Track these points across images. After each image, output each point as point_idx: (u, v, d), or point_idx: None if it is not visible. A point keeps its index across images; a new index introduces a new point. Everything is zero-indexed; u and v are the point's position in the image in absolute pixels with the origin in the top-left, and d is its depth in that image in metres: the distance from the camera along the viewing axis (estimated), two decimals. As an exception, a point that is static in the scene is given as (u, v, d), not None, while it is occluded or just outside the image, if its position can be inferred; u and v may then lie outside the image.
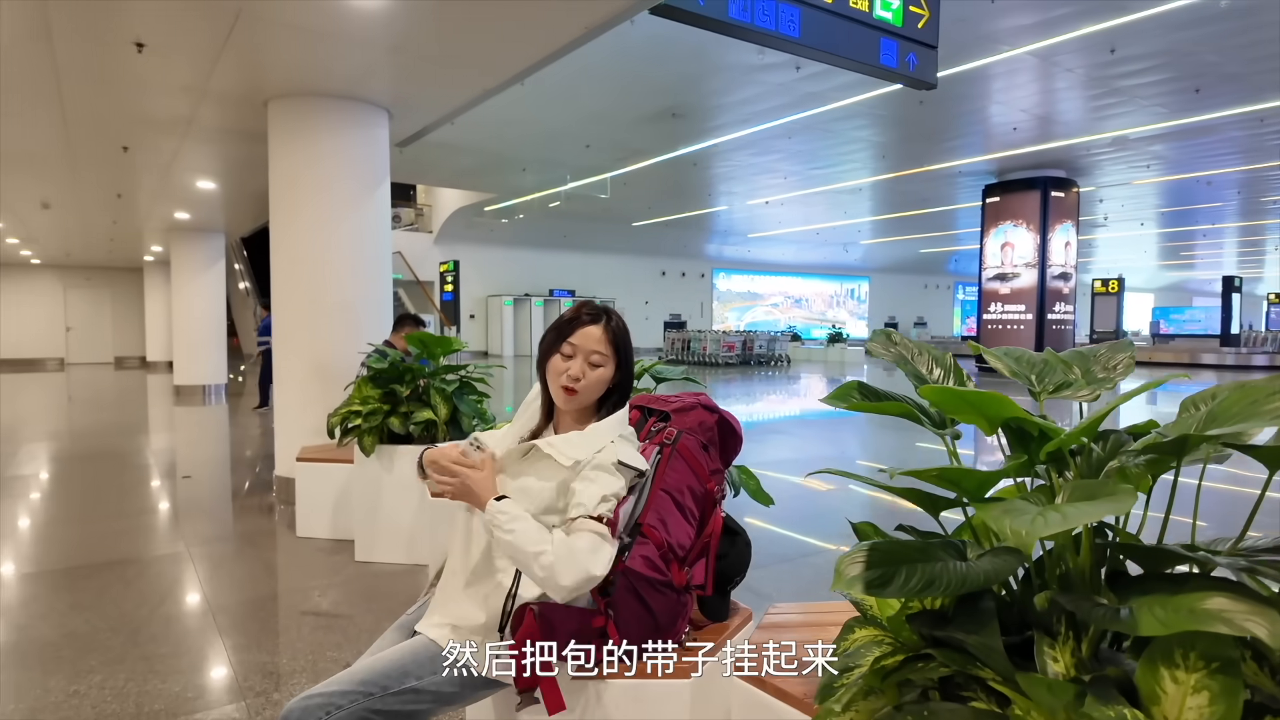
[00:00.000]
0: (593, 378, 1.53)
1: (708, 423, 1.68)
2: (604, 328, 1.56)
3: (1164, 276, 34.90)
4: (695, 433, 1.64)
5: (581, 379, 1.52)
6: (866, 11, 4.45)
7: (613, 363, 1.56)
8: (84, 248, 15.26)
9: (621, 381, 1.60)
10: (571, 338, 1.54)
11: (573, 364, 1.53)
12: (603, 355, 1.54)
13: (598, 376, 1.54)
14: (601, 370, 1.54)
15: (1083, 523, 0.80)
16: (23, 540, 4.30)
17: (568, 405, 1.55)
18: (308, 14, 3.72)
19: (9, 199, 9.39)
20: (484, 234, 20.96)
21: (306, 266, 4.94)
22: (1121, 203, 17.33)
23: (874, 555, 0.95)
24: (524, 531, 1.37)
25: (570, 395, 1.53)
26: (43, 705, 2.39)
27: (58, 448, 7.56)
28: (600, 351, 1.54)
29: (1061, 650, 0.92)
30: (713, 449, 1.67)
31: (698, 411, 1.68)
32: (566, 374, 1.53)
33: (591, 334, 1.54)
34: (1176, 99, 9.68)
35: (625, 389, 1.62)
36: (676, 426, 1.63)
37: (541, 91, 8.97)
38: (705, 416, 1.68)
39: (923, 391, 1.03)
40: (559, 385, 1.54)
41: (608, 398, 1.60)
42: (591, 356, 1.53)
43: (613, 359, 1.56)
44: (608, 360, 1.55)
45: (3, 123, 5.81)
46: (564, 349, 1.54)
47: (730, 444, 1.73)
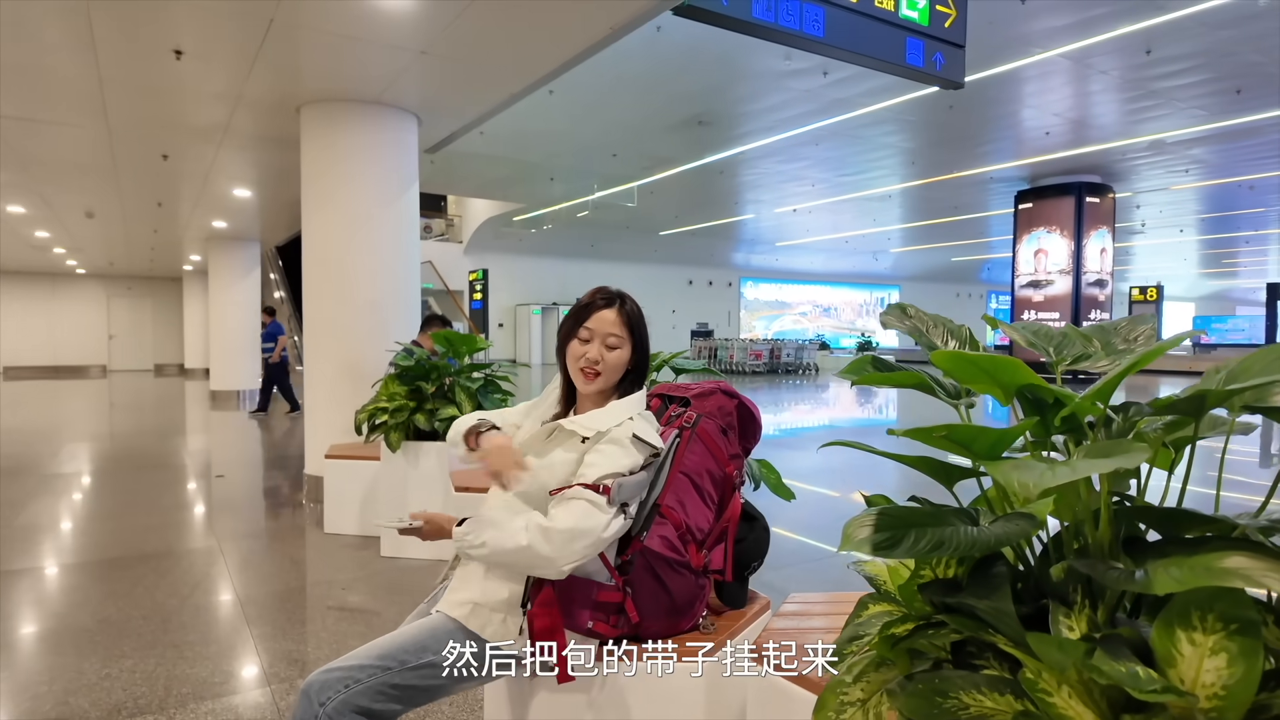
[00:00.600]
0: (610, 359, 1.57)
1: (727, 407, 1.69)
2: (618, 310, 1.60)
3: (1205, 285, 33.98)
4: (715, 417, 1.65)
5: (600, 361, 1.56)
6: (892, 11, 4.42)
7: (629, 344, 1.59)
8: (127, 257, 15.72)
9: (638, 363, 1.63)
10: (588, 322, 1.58)
11: (590, 347, 1.57)
12: (618, 337, 1.58)
13: (615, 358, 1.57)
14: (619, 352, 1.58)
15: (1090, 474, 0.78)
16: (64, 534, 4.42)
17: (588, 388, 1.58)
18: (338, 19, 3.81)
19: (57, 208, 9.71)
20: (512, 244, 21.17)
21: (337, 268, 5.04)
22: (1160, 209, 16.94)
23: (883, 519, 0.94)
24: (494, 538, 1.41)
25: (590, 378, 1.57)
26: (76, 687, 2.45)
27: (99, 449, 7.77)
28: (616, 334, 1.57)
29: (1077, 619, 0.90)
30: (732, 434, 1.68)
31: (717, 396, 1.69)
32: (585, 357, 1.56)
33: (606, 317, 1.58)
34: (1216, 100, 9.45)
35: (642, 371, 1.65)
36: (696, 410, 1.65)
37: (569, 101, 9.07)
38: (725, 401, 1.69)
39: (934, 357, 1.02)
40: (578, 369, 1.58)
41: (625, 380, 1.63)
42: (608, 339, 1.57)
43: (628, 340, 1.59)
44: (624, 342, 1.58)
45: (52, 133, 6.03)
46: (581, 333, 1.58)
47: (750, 429, 1.74)
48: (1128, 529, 0.95)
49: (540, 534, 1.37)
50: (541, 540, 1.37)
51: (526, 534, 1.37)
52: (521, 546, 1.37)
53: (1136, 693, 0.71)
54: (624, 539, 1.54)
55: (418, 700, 1.40)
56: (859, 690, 1.01)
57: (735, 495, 1.68)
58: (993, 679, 0.89)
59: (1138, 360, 0.88)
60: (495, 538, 1.40)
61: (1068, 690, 0.82)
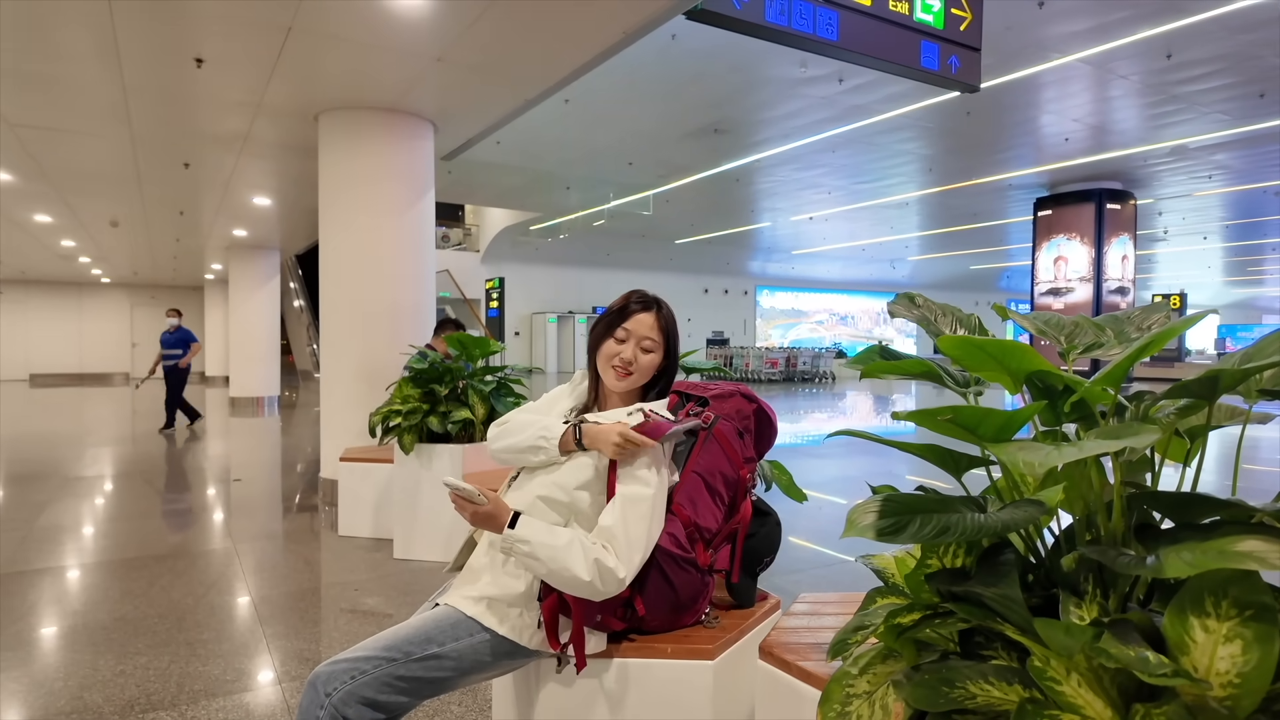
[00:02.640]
0: (644, 362, 1.60)
1: (745, 411, 1.68)
2: (656, 315, 1.63)
3: (1230, 293, 33.44)
4: (732, 419, 1.65)
5: (634, 363, 1.59)
6: (906, 14, 4.41)
7: (662, 349, 1.63)
8: (150, 266, 15.97)
9: (668, 368, 1.66)
10: (625, 324, 1.61)
11: (625, 348, 1.60)
12: (654, 341, 1.61)
13: (649, 361, 1.61)
14: (652, 356, 1.61)
15: (1096, 453, 0.76)
16: (84, 535, 4.48)
17: (618, 386, 1.61)
18: (355, 26, 3.86)
19: (82, 217, 9.90)
20: (529, 252, 21.28)
21: (353, 273, 5.09)
22: (1182, 215, 16.70)
23: (888, 505, 0.92)
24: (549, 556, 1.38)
25: (623, 377, 1.60)
26: (91, 682, 2.47)
27: (120, 453, 7.87)
28: (651, 338, 1.61)
29: (1088, 608, 0.88)
30: (748, 437, 1.68)
31: (736, 399, 1.69)
32: (619, 357, 1.59)
33: (644, 321, 1.61)
34: (1239, 105, 9.32)
35: (670, 378, 1.68)
36: (715, 411, 1.65)
37: (585, 110, 9.12)
38: (743, 405, 1.69)
39: (941, 343, 1.00)
40: (610, 367, 1.60)
41: (653, 386, 1.66)
42: (644, 342, 1.60)
43: (662, 345, 1.63)
44: (658, 346, 1.62)
45: (77, 142, 6.15)
46: (618, 334, 1.61)
47: (766, 434, 1.73)
48: (1140, 516, 0.93)
49: (599, 574, 1.39)
50: (599, 581, 1.39)
51: (587, 569, 1.38)
52: (581, 581, 1.38)
53: (1146, 677, 0.69)
54: None
55: (424, 693, 1.39)
56: (865, 682, 0.99)
57: (746, 499, 1.67)
58: (1000, 668, 0.87)
59: (1149, 342, 0.86)
60: (550, 556, 1.38)
61: (1077, 678, 0.80)
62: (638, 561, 1.44)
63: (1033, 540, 1.04)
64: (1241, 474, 1.01)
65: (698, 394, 1.71)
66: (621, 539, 1.42)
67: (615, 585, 1.40)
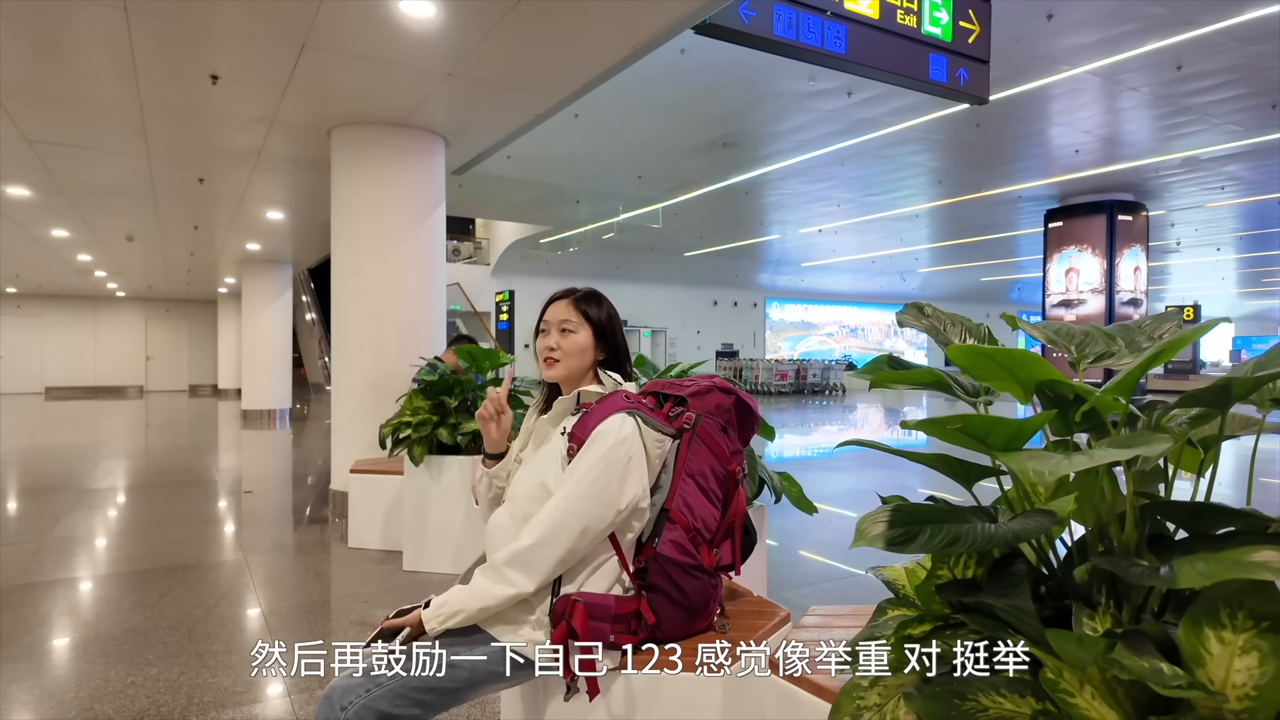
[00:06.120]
0: (567, 344, 1.62)
1: (725, 405, 1.68)
2: (570, 300, 1.67)
3: (1244, 305, 33.12)
4: (714, 415, 1.65)
5: (557, 348, 1.62)
6: (914, 27, 4.43)
7: (585, 327, 1.64)
8: (165, 280, 16.14)
9: (609, 350, 1.67)
10: (544, 317, 1.67)
11: (547, 337, 1.64)
12: (573, 321, 1.63)
13: (571, 342, 1.62)
14: (574, 336, 1.63)
15: (1107, 461, 0.76)
16: (97, 546, 4.50)
17: (550, 374, 1.64)
18: (368, 43, 3.91)
19: (98, 232, 10.02)
20: (539, 266, 21.35)
21: (365, 287, 5.12)
22: (1195, 227, 16.59)
23: (898, 515, 0.92)
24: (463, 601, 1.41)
25: (551, 364, 1.63)
26: (102, 694, 2.48)
27: (134, 465, 7.93)
28: (568, 319, 1.63)
29: (1101, 619, 0.87)
30: (732, 430, 1.67)
31: (714, 395, 1.68)
32: (543, 346, 1.64)
33: (558, 307, 1.66)
34: (1252, 116, 9.28)
35: (617, 355, 1.68)
36: (695, 411, 1.64)
37: (594, 124, 9.17)
38: (722, 399, 1.68)
39: (950, 352, 1.00)
40: (540, 361, 1.65)
41: (604, 366, 1.66)
42: (562, 325, 1.63)
43: (585, 324, 1.64)
44: (579, 326, 1.63)
45: (95, 158, 6.24)
46: (540, 329, 1.66)
47: (748, 423, 1.73)
48: (1153, 527, 0.92)
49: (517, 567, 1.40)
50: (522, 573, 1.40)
51: (509, 578, 1.40)
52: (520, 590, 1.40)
53: (1160, 688, 0.68)
54: (637, 546, 1.55)
55: (438, 705, 1.39)
56: (875, 694, 0.98)
57: (739, 491, 1.66)
58: (1012, 680, 0.86)
59: (1161, 350, 0.86)
60: (479, 594, 1.41)
61: (1090, 690, 0.79)
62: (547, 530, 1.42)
63: (1045, 551, 1.04)
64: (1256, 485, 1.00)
65: (675, 393, 1.69)
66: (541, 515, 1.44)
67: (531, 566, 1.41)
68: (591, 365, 1.64)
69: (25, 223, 9.25)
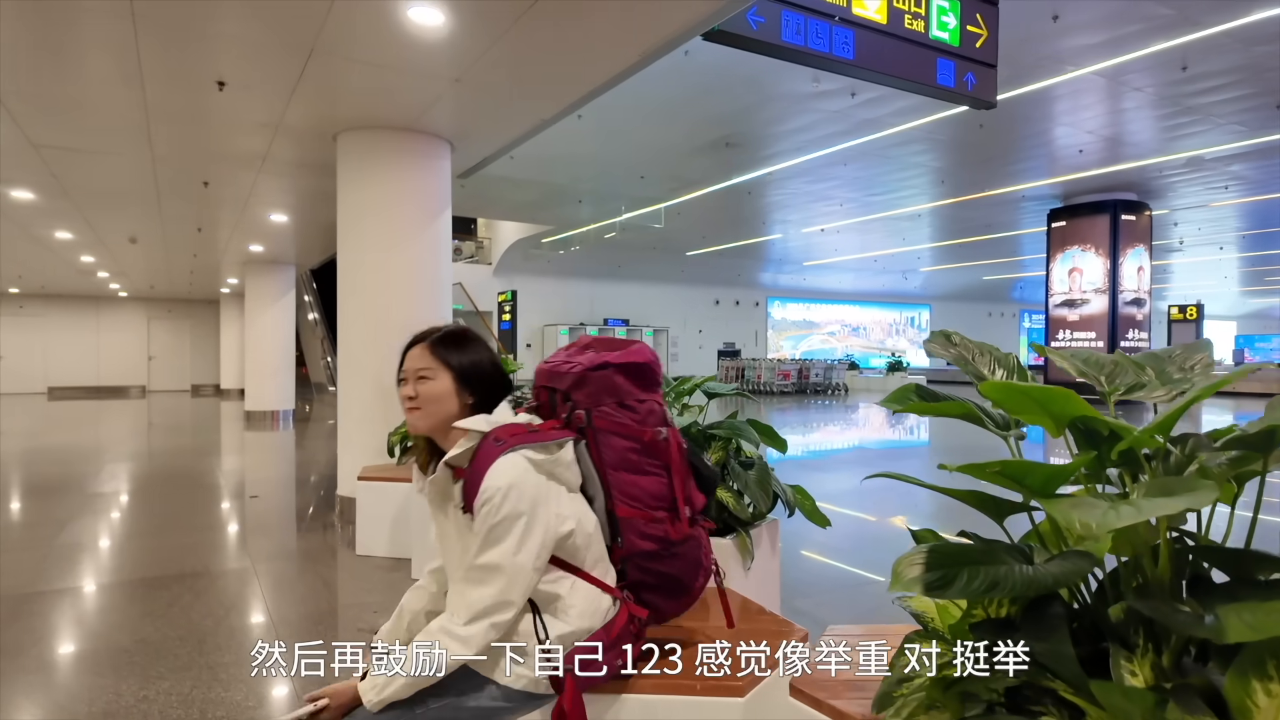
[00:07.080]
0: (425, 391, 1.48)
1: (610, 384, 1.57)
2: (425, 344, 1.53)
3: (1248, 303, 33.10)
4: (603, 397, 1.56)
5: (416, 397, 1.49)
6: (922, 32, 4.41)
7: (443, 371, 1.49)
8: (167, 281, 16.13)
9: (480, 387, 1.52)
10: (402, 368, 1.53)
11: (405, 387, 1.51)
12: (429, 368, 1.50)
13: (429, 389, 1.48)
14: (431, 383, 1.49)
15: (1157, 515, 0.75)
16: (103, 553, 4.50)
17: (415, 426, 1.51)
18: (375, 49, 3.90)
19: (102, 234, 10.01)
20: (541, 265, 21.34)
21: (370, 292, 5.11)
22: (1198, 226, 16.57)
23: (934, 557, 0.91)
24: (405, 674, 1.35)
25: (414, 413, 1.50)
26: (115, 710, 2.48)
27: (138, 468, 7.92)
28: (423, 367, 1.50)
29: (1140, 664, 0.86)
30: (631, 399, 1.58)
31: (599, 376, 1.57)
32: (403, 396, 1.51)
33: (414, 354, 1.52)
34: (1255, 116, 9.26)
35: (495, 390, 1.55)
36: (581, 406, 1.56)
37: (598, 124, 9.16)
38: (607, 376, 1.57)
39: (983, 388, 0.99)
40: (405, 411, 1.52)
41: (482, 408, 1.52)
42: (419, 375, 1.50)
43: (442, 368, 1.49)
44: (435, 372, 1.49)
45: (100, 162, 6.23)
46: (401, 379, 1.53)
47: (645, 374, 1.61)
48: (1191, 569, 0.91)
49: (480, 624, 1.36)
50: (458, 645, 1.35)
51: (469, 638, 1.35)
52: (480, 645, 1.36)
53: (1212, 747, 0.67)
54: (608, 550, 1.55)
55: None
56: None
57: (669, 440, 1.58)
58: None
59: (1200, 393, 0.85)
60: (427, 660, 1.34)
61: (1135, 741, 0.78)
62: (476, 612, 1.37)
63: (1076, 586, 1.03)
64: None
65: (560, 386, 1.60)
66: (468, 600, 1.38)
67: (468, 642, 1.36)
68: (460, 411, 1.50)
69: (29, 225, 9.25)
